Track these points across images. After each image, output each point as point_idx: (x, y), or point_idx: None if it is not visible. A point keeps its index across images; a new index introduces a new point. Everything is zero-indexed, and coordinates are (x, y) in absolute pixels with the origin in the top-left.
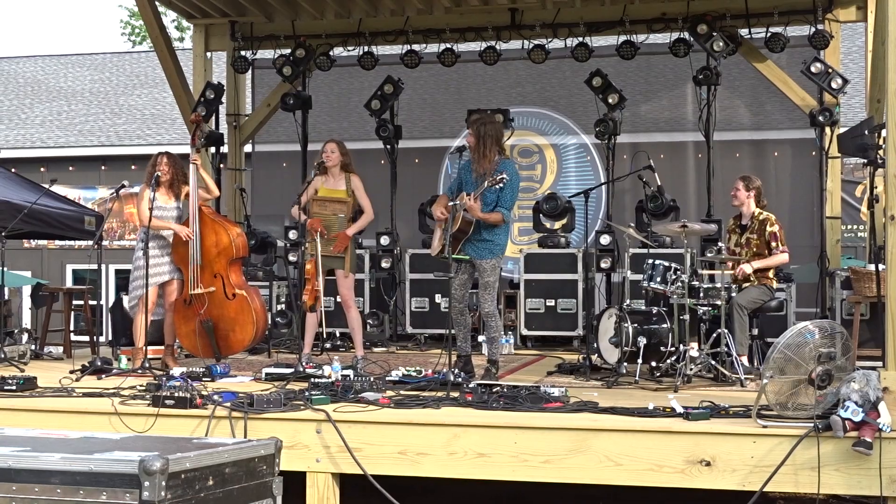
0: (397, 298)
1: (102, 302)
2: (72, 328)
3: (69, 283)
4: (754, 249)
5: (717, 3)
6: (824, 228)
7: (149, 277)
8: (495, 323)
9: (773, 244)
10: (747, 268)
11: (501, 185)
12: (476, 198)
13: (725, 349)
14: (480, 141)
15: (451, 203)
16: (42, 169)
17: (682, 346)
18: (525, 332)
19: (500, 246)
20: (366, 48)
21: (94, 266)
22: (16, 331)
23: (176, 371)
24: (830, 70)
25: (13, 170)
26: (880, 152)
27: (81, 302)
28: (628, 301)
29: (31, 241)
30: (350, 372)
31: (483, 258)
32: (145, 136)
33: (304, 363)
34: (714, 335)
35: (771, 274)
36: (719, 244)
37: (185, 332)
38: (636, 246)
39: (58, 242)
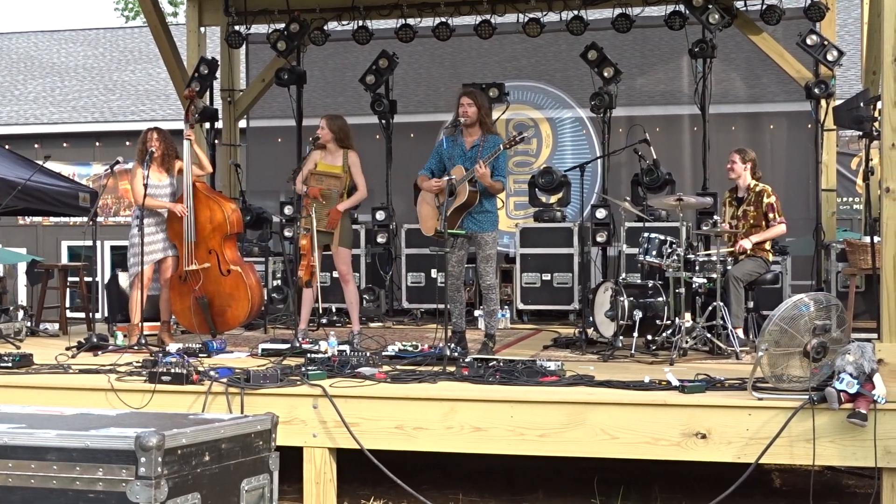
0: (393, 273)
1: (98, 278)
2: (67, 305)
3: (64, 260)
4: (751, 221)
5: None
6: (820, 201)
7: (144, 255)
8: (495, 295)
9: (771, 215)
10: (746, 243)
11: (521, 140)
12: (486, 164)
13: (721, 322)
14: (482, 110)
15: (447, 178)
16: (36, 145)
17: (677, 320)
18: (521, 306)
19: (498, 217)
20: (360, 22)
21: (90, 242)
22: (11, 307)
23: (172, 347)
24: (826, 42)
25: (7, 146)
26: (876, 125)
27: (77, 278)
28: (624, 275)
29: (26, 217)
30: (346, 347)
31: (485, 231)
32: (139, 112)
33: (300, 338)
34: (710, 308)
35: (767, 246)
36: (715, 217)
37: (180, 308)
38: (632, 219)
39: (52, 219)
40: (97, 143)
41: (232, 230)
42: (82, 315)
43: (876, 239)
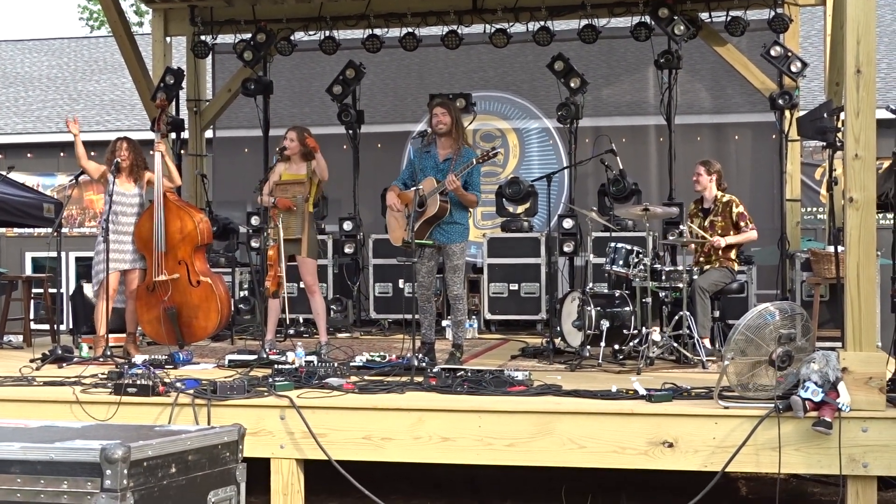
0: (360, 284)
1: (63, 290)
2: (31, 317)
3: (28, 271)
4: (719, 232)
5: None
6: (784, 211)
7: (111, 262)
8: (462, 306)
9: (743, 223)
10: (721, 241)
11: (495, 155)
12: (458, 177)
13: (687, 331)
14: (456, 121)
15: (415, 189)
16: None
17: (644, 329)
18: (489, 316)
19: (468, 229)
20: (327, 33)
21: (54, 254)
22: None
23: (138, 359)
24: (790, 54)
25: None
26: (839, 135)
27: (41, 290)
28: (591, 284)
29: None
30: (314, 358)
31: (454, 242)
32: (104, 122)
33: (267, 349)
34: (676, 317)
35: (733, 256)
36: (681, 227)
37: (148, 319)
38: (599, 229)
39: (16, 230)
40: (62, 154)
41: (202, 241)
42: (47, 327)
43: (840, 248)
